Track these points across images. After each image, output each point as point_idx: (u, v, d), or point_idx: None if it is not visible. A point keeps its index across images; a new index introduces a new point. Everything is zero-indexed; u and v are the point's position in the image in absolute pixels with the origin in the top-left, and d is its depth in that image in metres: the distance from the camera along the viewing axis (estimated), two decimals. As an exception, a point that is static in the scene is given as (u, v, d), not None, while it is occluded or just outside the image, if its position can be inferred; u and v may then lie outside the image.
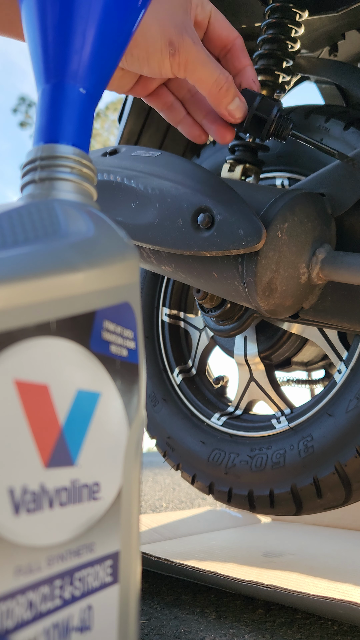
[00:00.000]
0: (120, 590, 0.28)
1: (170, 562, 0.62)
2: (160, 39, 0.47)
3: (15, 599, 0.22)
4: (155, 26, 0.47)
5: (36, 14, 0.33)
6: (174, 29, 0.47)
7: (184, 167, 0.58)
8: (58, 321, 0.25)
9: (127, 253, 0.31)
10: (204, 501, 1.68)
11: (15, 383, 0.23)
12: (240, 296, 0.57)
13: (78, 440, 0.26)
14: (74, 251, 0.27)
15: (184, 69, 0.49)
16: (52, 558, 0.24)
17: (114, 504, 0.28)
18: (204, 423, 0.80)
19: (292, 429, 0.70)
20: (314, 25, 0.72)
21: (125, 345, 0.30)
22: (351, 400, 0.64)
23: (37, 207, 0.29)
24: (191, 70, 0.49)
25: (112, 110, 13.15)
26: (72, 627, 0.25)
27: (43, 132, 0.32)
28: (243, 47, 0.53)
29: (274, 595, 0.54)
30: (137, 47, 0.47)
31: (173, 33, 0.47)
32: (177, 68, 0.48)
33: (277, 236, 0.54)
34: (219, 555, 0.70)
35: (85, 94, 0.33)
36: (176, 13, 0.48)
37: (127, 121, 0.89)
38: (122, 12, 0.34)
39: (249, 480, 0.72)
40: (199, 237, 0.55)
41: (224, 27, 0.52)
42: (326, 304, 0.60)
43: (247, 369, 0.79)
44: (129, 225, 0.60)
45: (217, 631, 0.53)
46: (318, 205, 0.58)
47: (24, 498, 0.23)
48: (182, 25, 0.48)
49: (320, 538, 0.89)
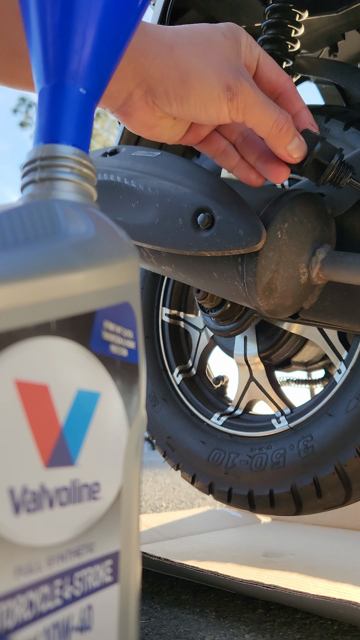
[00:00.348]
0: (120, 590, 0.28)
1: (170, 561, 0.62)
2: (217, 85, 0.46)
3: (15, 599, 0.22)
4: (211, 72, 0.46)
5: (36, 14, 0.33)
6: (230, 73, 0.47)
7: (184, 167, 0.58)
8: (58, 321, 0.25)
9: (127, 253, 0.31)
10: (204, 501, 1.68)
11: (15, 383, 0.23)
12: (240, 296, 0.57)
13: (78, 440, 0.26)
14: (74, 251, 0.27)
15: (242, 112, 0.48)
16: (52, 558, 0.24)
17: (114, 504, 0.28)
18: (204, 423, 0.80)
19: (292, 429, 0.70)
20: (313, 26, 0.72)
21: (125, 345, 0.30)
22: (351, 400, 0.64)
23: (37, 207, 0.29)
24: (250, 113, 0.48)
25: (112, 110, 13.12)
26: (72, 627, 0.25)
27: (43, 132, 0.32)
28: (294, 89, 0.52)
29: (274, 595, 0.54)
30: (194, 95, 0.47)
31: (230, 77, 0.46)
32: (235, 112, 0.48)
33: (277, 236, 0.54)
34: (219, 555, 0.70)
35: (85, 94, 0.33)
36: (230, 57, 0.48)
37: (127, 121, 0.88)
38: (122, 12, 0.34)
39: (249, 480, 0.72)
40: (199, 237, 0.55)
41: (274, 70, 0.51)
42: (326, 304, 0.60)
43: (247, 369, 0.79)
44: (129, 225, 0.60)
45: (217, 631, 0.53)
46: (318, 205, 0.58)
47: (24, 498, 0.23)
48: (237, 69, 0.47)
49: (320, 538, 0.89)
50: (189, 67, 0.46)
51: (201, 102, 0.47)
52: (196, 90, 0.46)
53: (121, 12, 0.34)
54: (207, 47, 0.47)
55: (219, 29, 0.48)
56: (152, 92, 0.48)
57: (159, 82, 0.47)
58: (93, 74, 0.33)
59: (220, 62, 0.47)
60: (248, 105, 0.47)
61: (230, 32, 0.48)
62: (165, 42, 0.47)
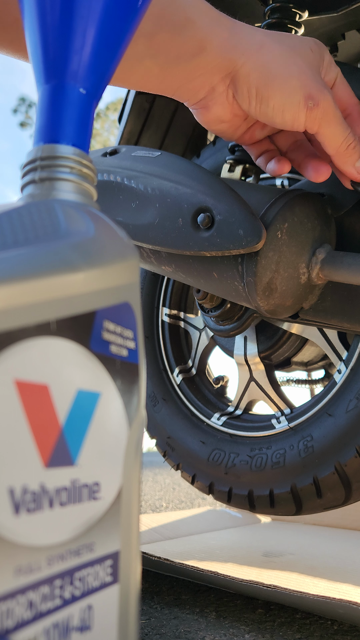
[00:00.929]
0: (120, 590, 0.28)
1: (170, 561, 0.62)
2: (300, 92, 0.47)
3: (15, 599, 0.22)
4: (295, 79, 0.47)
5: (36, 14, 0.33)
6: (314, 83, 0.47)
7: (184, 167, 0.58)
8: (58, 321, 0.25)
9: (127, 253, 0.31)
10: (204, 501, 1.68)
11: (15, 383, 0.23)
12: (240, 296, 0.57)
13: (78, 440, 0.26)
14: (74, 251, 0.27)
15: (318, 123, 0.48)
16: (52, 558, 0.24)
17: (114, 504, 0.28)
18: (204, 423, 0.80)
19: (292, 429, 0.70)
20: (313, 26, 0.72)
21: (125, 345, 0.30)
22: (351, 400, 0.64)
23: (37, 207, 0.29)
24: (325, 125, 0.48)
25: (112, 110, 13.15)
26: (72, 627, 0.25)
27: (43, 132, 0.32)
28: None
29: (274, 595, 0.54)
30: (275, 97, 0.47)
31: (313, 87, 0.47)
32: (311, 122, 0.48)
33: (277, 236, 0.54)
34: (219, 555, 0.70)
35: (85, 94, 0.33)
36: (315, 69, 0.48)
37: (127, 121, 0.89)
38: (122, 12, 0.34)
39: (249, 480, 0.72)
40: (199, 237, 0.55)
41: (347, 91, 0.52)
42: (326, 304, 0.60)
43: (247, 369, 0.79)
44: (129, 225, 0.60)
45: (217, 631, 0.53)
46: (318, 205, 0.58)
47: (24, 498, 0.23)
48: (321, 82, 0.48)
49: (320, 538, 0.89)
50: (275, 69, 0.47)
51: (280, 106, 0.48)
52: (277, 94, 0.47)
53: (121, 12, 0.34)
54: (295, 54, 0.48)
55: (306, 41, 0.49)
56: (235, 88, 0.48)
57: (243, 79, 0.47)
58: (93, 74, 0.33)
59: (305, 71, 0.48)
60: (325, 117, 0.48)
61: (317, 47, 0.49)
62: (255, 41, 0.47)
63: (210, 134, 0.98)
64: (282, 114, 0.48)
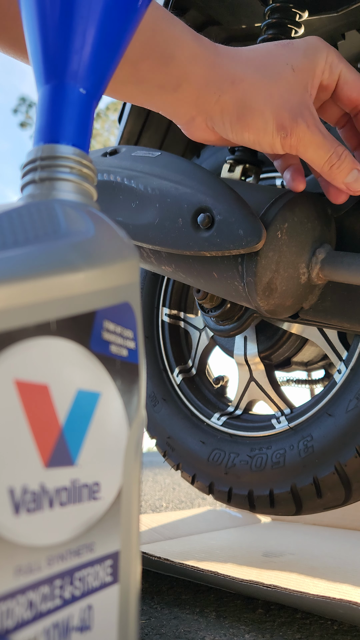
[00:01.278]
0: (120, 590, 0.28)
1: (170, 561, 0.62)
2: (272, 124, 0.48)
3: (15, 599, 0.22)
4: (268, 112, 0.48)
5: (36, 14, 0.33)
6: (287, 113, 0.48)
7: (184, 167, 0.58)
8: (58, 321, 0.25)
9: (127, 253, 0.31)
10: (204, 501, 1.68)
11: (15, 383, 0.23)
12: (240, 296, 0.57)
13: (78, 440, 0.26)
14: (74, 251, 0.27)
15: (295, 149, 0.50)
16: (52, 558, 0.24)
17: (114, 504, 0.28)
18: (204, 423, 0.80)
19: (292, 429, 0.70)
20: (313, 26, 0.72)
21: (125, 345, 0.30)
22: (351, 400, 0.64)
23: (37, 207, 0.29)
24: (303, 151, 0.49)
25: (112, 111, 13.15)
26: (72, 627, 0.25)
27: (43, 133, 0.32)
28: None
29: (274, 595, 0.54)
30: (248, 130, 0.49)
31: (286, 117, 0.48)
32: (288, 148, 0.50)
33: (277, 236, 0.54)
34: (219, 555, 0.70)
35: (85, 94, 0.33)
36: (293, 94, 0.49)
37: (127, 121, 0.89)
38: (122, 12, 0.34)
39: (249, 480, 0.72)
40: (199, 237, 0.55)
41: (355, 88, 0.52)
42: (326, 304, 0.60)
43: (247, 369, 0.79)
44: (129, 225, 0.60)
45: (217, 631, 0.53)
46: (318, 205, 0.58)
47: (24, 498, 0.23)
48: (297, 108, 0.48)
49: (320, 538, 0.89)
50: (248, 103, 0.48)
51: (255, 137, 0.50)
52: (250, 127, 0.49)
53: (121, 12, 0.34)
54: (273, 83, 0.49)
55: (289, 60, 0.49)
56: (212, 121, 0.51)
57: (218, 114, 0.50)
58: (93, 74, 0.33)
59: (280, 100, 0.48)
60: (301, 143, 0.49)
61: (305, 63, 0.49)
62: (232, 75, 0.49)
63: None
64: (259, 144, 0.50)
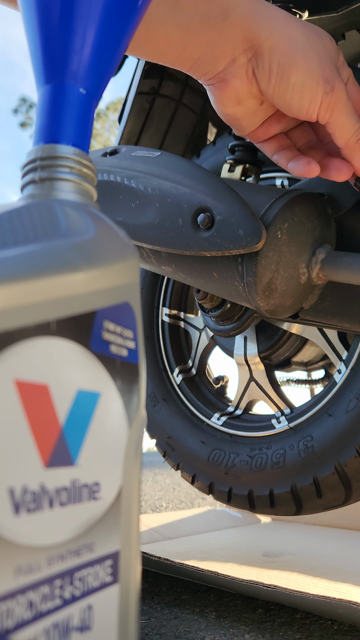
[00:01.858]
0: (120, 590, 0.28)
1: (170, 561, 0.62)
2: (319, 73, 0.46)
3: (15, 599, 0.22)
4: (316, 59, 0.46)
5: (36, 14, 0.33)
6: (331, 68, 0.47)
7: (184, 167, 0.58)
8: (58, 321, 0.25)
9: (127, 253, 0.31)
10: (204, 501, 1.68)
11: (15, 383, 0.23)
12: (240, 296, 0.57)
13: (78, 440, 0.26)
14: (74, 251, 0.27)
15: (331, 111, 0.48)
16: (52, 558, 0.24)
17: (114, 504, 0.28)
18: (204, 423, 0.80)
19: (292, 429, 0.70)
20: (314, 26, 0.72)
21: (125, 345, 0.30)
22: (351, 400, 0.64)
23: (37, 207, 0.29)
24: (337, 114, 0.48)
25: (112, 110, 13.16)
26: (72, 627, 0.25)
27: (43, 133, 0.32)
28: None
29: (274, 595, 0.54)
30: (296, 74, 0.46)
31: (330, 72, 0.47)
32: (324, 109, 0.48)
33: (277, 236, 0.54)
34: (219, 555, 0.70)
35: (85, 94, 0.33)
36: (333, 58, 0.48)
37: (127, 121, 0.89)
38: (122, 12, 0.34)
39: (249, 480, 0.72)
40: (199, 237, 0.55)
41: (358, 92, 0.52)
42: (326, 304, 0.60)
43: (247, 369, 0.79)
44: (129, 225, 0.60)
45: (217, 631, 0.53)
46: (318, 205, 0.58)
47: (24, 498, 0.23)
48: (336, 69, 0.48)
49: (320, 538, 0.89)
50: (299, 45, 0.46)
51: (300, 84, 0.47)
52: (299, 71, 0.46)
53: (121, 12, 0.34)
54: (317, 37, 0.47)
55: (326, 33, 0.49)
56: (256, 62, 0.47)
57: (266, 52, 0.46)
58: (93, 74, 0.33)
59: (324, 55, 0.47)
60: (338, 105, 0.48)
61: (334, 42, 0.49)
62: (280, 15, 0.47)
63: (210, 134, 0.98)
64: (301, 94, 0.47)
